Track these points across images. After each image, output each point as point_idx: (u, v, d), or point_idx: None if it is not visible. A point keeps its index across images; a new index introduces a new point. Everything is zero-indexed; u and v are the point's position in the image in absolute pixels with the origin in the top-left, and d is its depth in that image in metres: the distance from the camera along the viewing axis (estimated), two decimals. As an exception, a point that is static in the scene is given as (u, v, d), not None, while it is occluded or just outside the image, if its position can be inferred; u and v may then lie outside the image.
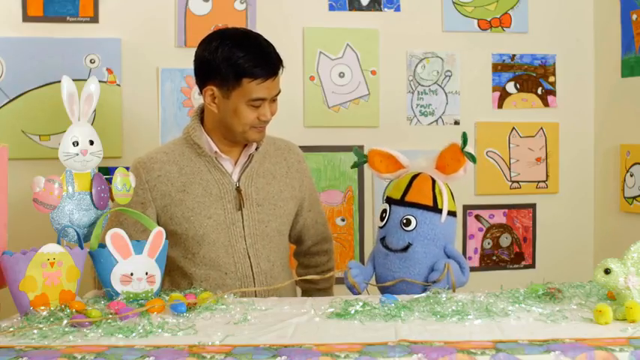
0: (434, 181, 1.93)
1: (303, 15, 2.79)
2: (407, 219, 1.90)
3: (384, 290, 1.92)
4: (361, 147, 2.74)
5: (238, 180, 2.08)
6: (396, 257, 1.91)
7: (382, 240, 1.94)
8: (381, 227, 1.96)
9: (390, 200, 1.95)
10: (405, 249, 1.90)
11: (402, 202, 1.92)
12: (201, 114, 2.12)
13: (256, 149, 2.10)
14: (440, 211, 1.91)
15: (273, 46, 2.03)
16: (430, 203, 1.91)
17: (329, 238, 2.33)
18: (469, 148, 1.92)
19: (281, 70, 2.03)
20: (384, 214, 1.95)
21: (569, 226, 3.00)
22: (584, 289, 1.79)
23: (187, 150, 2.08)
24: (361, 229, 2.84)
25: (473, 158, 1.93)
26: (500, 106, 2.94)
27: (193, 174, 2.06)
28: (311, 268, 2.28)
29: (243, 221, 2.06)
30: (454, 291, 1.86)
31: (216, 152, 2.07)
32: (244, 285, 2.05)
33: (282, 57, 2.04)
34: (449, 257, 1.92)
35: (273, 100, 2.04)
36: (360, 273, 1.93)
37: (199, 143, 2.06)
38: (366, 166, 2.07)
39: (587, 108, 3.00)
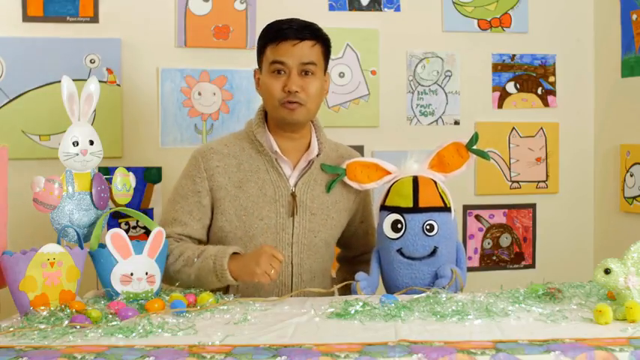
0: (435, 182, 1.94)
1: (303, 15, 2.73)
2: (430, 224, 1.89)
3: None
4: (361, 147, 2.74)
5: (295, 185, 2.02)
6: (423, 264, 1.90)
7: (399, 251, 1.91)
8: (396, 239, 1.91)
9: (400, 210, 1.91)
10: (432, 253, 1.90)
11: (416, 209, 1.89)
12: (265, 110, 2.07)
13: (317, 155, 2.05)
14: (449, 210, 1.93)
15: (306, 22, 2.04)
16: (442, 204, 1.92)
17: None
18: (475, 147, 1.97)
19: (313, 41, 2.00)
20: (399, 225, 1.90)
21: (569, 226, 3.00)
22: (584, 289, 1.79)
23: (248, 146, 2.04)
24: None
25: (485, 155, 2.01)
26: (500, 106, 2.94)
27: (251, 171, 2.02)
28: (352, 275, 2.10)
29: (293, 228, 2.02)
30: (462, 291, 1.88)
31: (276, 152, 2.01)
32: (281, 293, 2.00)
33: None
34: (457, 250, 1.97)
35: (304, 72, 1.98)
36: (368, 285, 1.92)
37: (261, 140, 2.01)
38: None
39: (587, 108, 3.00)
